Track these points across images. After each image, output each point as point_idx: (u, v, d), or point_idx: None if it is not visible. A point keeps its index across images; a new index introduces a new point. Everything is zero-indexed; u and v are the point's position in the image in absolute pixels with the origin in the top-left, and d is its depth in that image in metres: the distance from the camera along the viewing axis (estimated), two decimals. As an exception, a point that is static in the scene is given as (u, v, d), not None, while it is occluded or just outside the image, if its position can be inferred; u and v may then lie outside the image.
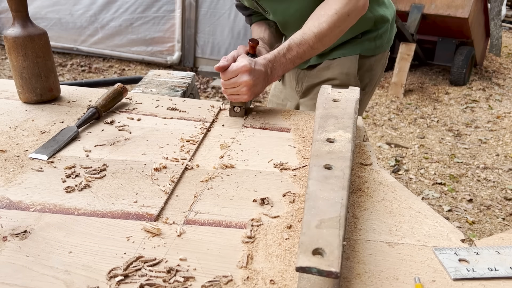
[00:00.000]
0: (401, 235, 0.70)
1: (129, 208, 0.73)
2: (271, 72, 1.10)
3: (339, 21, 1.13)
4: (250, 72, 1.04)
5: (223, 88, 1.09)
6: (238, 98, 1.09)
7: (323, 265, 0.50)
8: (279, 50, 1.12)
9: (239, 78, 1.04)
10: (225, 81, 1.07)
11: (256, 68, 1.05)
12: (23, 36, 1.06)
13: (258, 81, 1.06)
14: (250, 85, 1.05)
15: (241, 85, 1.05)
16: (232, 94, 1.08)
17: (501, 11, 6.18)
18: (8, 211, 0.70)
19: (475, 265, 0.62)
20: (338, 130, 0.84)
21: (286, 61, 1.13)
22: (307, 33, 1.12)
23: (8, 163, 0.85)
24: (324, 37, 1.13)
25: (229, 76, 1.05)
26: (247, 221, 0.71)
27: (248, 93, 1.06)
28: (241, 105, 1.12)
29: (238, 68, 1.04)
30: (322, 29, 1.12)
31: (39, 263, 0.59)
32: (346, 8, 1.13)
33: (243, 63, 1.04)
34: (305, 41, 1.12)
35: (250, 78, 1.04)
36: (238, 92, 1.07)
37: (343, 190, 0.66)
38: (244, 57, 1.06)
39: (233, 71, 1.04)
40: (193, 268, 0.60)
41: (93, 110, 1.04)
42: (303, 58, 1.15)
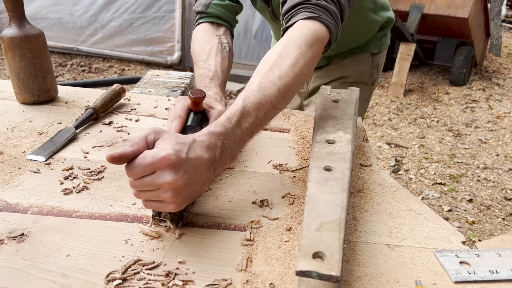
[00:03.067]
0: (401, 237, 0.69)
1: (128, 211, 0.72)
2: (221, 154, 0.68)
3: (305, 66, 0.80)
4: (176, 167, 0.61)
5: (134, 191, 0.65)
6: (159, 207, 0.64)
7: (324, 269, 0.50)
8: (230, 118, 0.71)
9: (157, 177, 0.61)
10: (134, 180, 0.63)
11: (190, 157, 0.62)
12: (19, 37, 1.06)
13: (195, 178, 0.63)
14: (176, 187, 0.61)
15: (162, 189, 0.62)
16: (149, 200, 0.64)
17: (501, 11, 6.17)
18: (5, 214, 0.70)
19: (476, 268, 0.62)
20: (338, 131, 0.84)
21: (242, 133, 0.72)
22: (266, 87, 0.75)
23: (5, 164, 0.84)
24: (288, 92, 0.78)
25: (140, 174, 0.61)
26: (246, 223, 0.70)
27: (175, 200, 0.62)
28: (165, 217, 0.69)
29: (155, 161, 0.60)
30: (287, 80, 0.77)
31: (36, 267, 0.59)
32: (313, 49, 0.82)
33: (163, 153, 0.60)
34: (266, 99, 0.75)
35: (177, 176, 0.61)
36: (158, 198, 0.63)
37: (343, 192, 0.65)
38: (169, 139, 0.63)
39: (145, 165, 0.60)
40: (192, 272, 0.59)
41: (91, 111, 1.04)
42: (263, 125, 0.77)
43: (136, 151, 0.62)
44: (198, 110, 0.84)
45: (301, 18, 0.84)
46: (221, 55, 1.07)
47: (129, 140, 0.63)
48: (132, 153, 0.61)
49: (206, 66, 1.03)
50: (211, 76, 1.01)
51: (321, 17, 0.84)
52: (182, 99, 0.85)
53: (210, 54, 1.06)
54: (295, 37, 0.82)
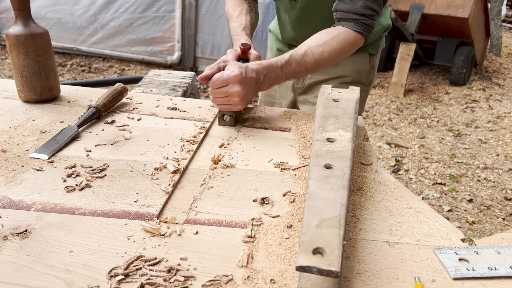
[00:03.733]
0: (401, 235, 0.70)
1: (130, 208, 0.73)
2: (264, 80, 1.03)
3: (339, 57, 1.14)
4: (242, 82, 0.97)
5: (212, 97, 1.01)
6: (229, 108, 1.02)
7: (323, 265, 0.50)
8: (277, 61, 1.06)
9: (229, 88, 0.97)
10: (214, 89, 0.99)
11: (247, 76, 0.98)
12: (24, 35, 1.06)
13: (250, 90, 1.00)
14: (242, 95, 0.97)
15: (231, 95, 0.98)
16: (222, 104, 1.01)
17: (501, 11, 6.18)
18: (9, 211, 0.70)
19: (475, 265, 0.63)
20: (338, 130, 0.84)
21: (281, 74, 1.07)
22: (308, 55, 1.09)
23: (9, 162, 0.85)
24: (321, 66, 1.12)
25: (219, 85, 0.98)
26: (248, 221, 0.71)
27: (241, 103, 0.99)
28: (231, 114, 1.05)
29: (229, 78, 0.96)
30: (322, 58, 1.10)
31: (39, 263, 0.59)
32: (349, 50, 1.15)
33: (234, 72, 0.96)
34: (305, 62, 1.08)
35: (242, 88, 0.97)
36: (229, 102, 1.00)
37: (343, 190, 0.66)
38: (234, 65, 0.99)
39: (223, 80, 0.97)
40: (193, 268, 0.60)
41: (93, 109, 1.04)
42: (295, 76, 1.11)
43: (214, 71, 1.00)
44: (245, 58, 1.12)
45: (351, 28, 1.13)
46: (250, 15, 1.33)
47: (207, 67, 1.01)
48: (211, 73, 0.99)
49: (238, 20, 1.29)
50: (243, 27, 1.26)
51: (365, 33, 1.14)
52: (232, 51, 1.11)
53: (241, 12, 1.32)
54: (342, 36, 1.12)
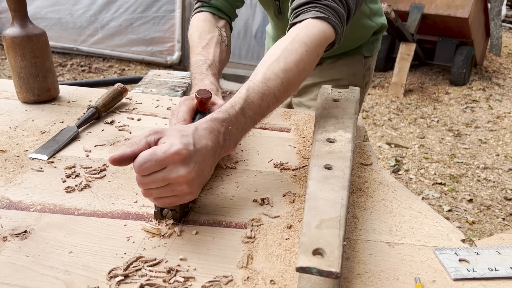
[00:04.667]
0: (401, 235, 0.70)
1: (129, 208, 0.73)
2: (225, 140, 0.70)
3: (310, 61, 0.83)
4: (187, 161, 0.62)
5: (142, 190, 0.64)
6: (175, 201, 0.65)
7: (323, 265, 0.50)
8: (234, 105, 0.73)
9: (170, 173, 0.62)
10: (143, 177, 0.62)
11: (197, 148, 0.64)
12: (21, 36, 1.06)
13: (203, 166, 0.65)
14: (190, 179, 0.63)
15: (176, 183, 0.62)
16: (161, 196, 0.64)
17: (501, 11, 6.18)
18: (8, 211, 0.70)
19: (476, 265, 0.62)
20: (338, 130, 0.84)
21: (245, 121, 0.74)
22: (270, 78, 0.77)
23: (8, 163, 0.85)
24: (291, 86, 0.81)
25: (151, 170, 0.61)
26: (247, 221, 0.71)
27: (191, 190, 0.64)
28: (174, 208, 0.69)
29: (167, 156, 0.61)
30: (290, 73, 0.79)
31: (39, 263, 0.59)
32: (319, 45, 0.85)
33: (173, 148, 0.61)
34: (269, 90, 0.77)
35: (190, 169, 0.62)
36: (173, 193, 0.64)
37: (343, 190, 0.66)
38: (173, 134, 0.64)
39: (156, 160, 0.61)
40: (193, 268, 0.60)
41: (93, 110, 1.04)
42: (265, 115, 0.79)
43: (136, 151, 0.62)
44: (204, 110, 0.85)
45: (310, 17, 0.86)
46: (220, 48, 1.08)
47: (128, 142, 0.64)
48: (132, 153, 0.62)
49: (204, 54, 1.03)
50: (209, 63, 1.01)
51: (330, 19, 0.86)
52: (186, 100, 0.84)
53: (210, 43, 1.06)
54: (303, 34, 0.83)
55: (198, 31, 1.10)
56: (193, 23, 1.14)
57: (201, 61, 1.01)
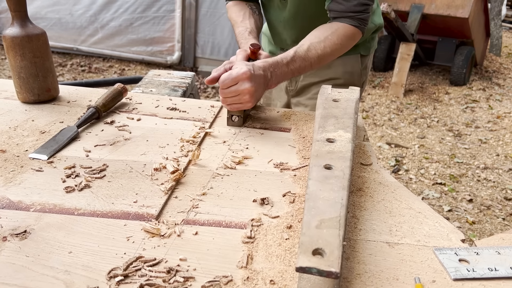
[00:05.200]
0: (401, 235, 0.69)
1: (129, 208, 0.73)
2: (271, 77, 1.05)
3: (339, 52, 1.16)
4: (251, 79, 0.97)
5: (222, 98, 1.01)
6: (240, 107, 1.02)
7: (323, 265, 0.50)
8: (283, 58, 1.08)
9: (239, 86, 0.97)
10: (224, 90, 0.98)
11: (256, 74, 0.99)
12: (21, 36, 1.06)
13: (259, 86, 1.01)
14: (252, 92, 0.98)
15: (242, 93, 0.98)
16: (233, 103, 1.01)
17: (501, 11, 6.18)
18: (8, 211, 0.70)
19: (475, 265, 0.62)
20: (338, 130, 0.84)
21: (287, 70, 1.08)
22: (311, 51, 1.11)
23: (8, 163, 0.85)
24: (323, 61, 1.15)
25: (228, 84, 0.97)
26: (247, 221, 0.71)
27: (251, 100, 0.99)
28: (239, 114, 1.05)
29: (238, 75, 0.96)
30: (325, 53, 1.12)
31: (39, 263, 0.59)
32: (348, 44, 1.17)
33: (242, 70, 0.97)
34: (309, 58, 1.11)
35: (252, 84, 0.97)
36: (239, 101, 1.00)
37: (343, 190, 0.66)
38: (241, 63, 1.01)
39: (232, 78, 0.97)
40: (193, 268, 0.60)
41: (93, 110, 1.04)
42: (301, 72, 1.13)
43: (220, 73, 1.01)
44: (255, 58, 1.13)
45: (348, 23, 1.16)
46: (254, 17, 1.33)
47: (214, 69, 1.03)
48: (218, 75, 1.01)
49: (243, 25, 1.28)
50: (249, 31, 1.25)
51: (361, 27, 1.17)
52: (241, 52, 1.12)
53: (245, 16, 1.31)
54: (341, 31, 1.15)
55: (233, 12, 1.36)
56: (228, 9, 1.40)
57: (243, 31, 1.26)
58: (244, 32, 1.26)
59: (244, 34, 1.26)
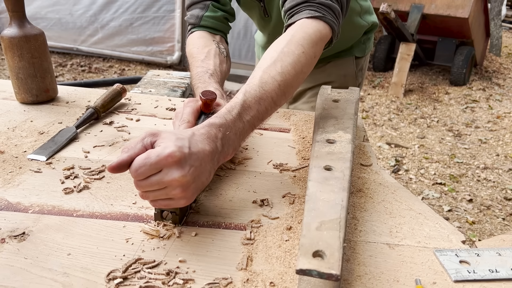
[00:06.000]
0: (401, 237, 0.69)
1: (128, 210, 0.72)
2: (223, 146, 0.69)
3: (308, 63, 0.82)
4: (182, 163, 0.61)
5: (140, 192, 0.64)
6: (170, 204, 0.65)
7: (324, 268, 0.50)
8: (231, 110, 0.72)
9: (164, 175, 0.61)
10: (140, 181, 0.62)
11: (193, 151, 0.63)
12: (18, 37, 1.06)
13: (200, 170, 0.64)
14: (185, 183, 0.62)
15: (170, 186, 0.62)
16: (157, 199, 0.64)
17: (501, 11, 6.17)
18: (6, 213, 0.70)
19: (476, 267, 0.62)
20: (338, 131, 0.84)
21: (243, 125, 0.73)
22: (267, 82, 0.76)
23: (6, 164, 0.84)
24: (289, 88, 0.79)
25: (146, 173, 0.61)
26: (247, 223, 0.70)
27: (185, 194, 0.63)
28: (174, 210, 0.69)
29: (161, 159, 0.60)
30: (287, 75, 0.78)
31: (37, 265, 0.59)
32: (316, 47, 0.84)
33: (167, 150, 0.61)
34: (267, 94, 0.75)
35: (184, 173, 0.61)
36: (168, 196, 0.63)
37: (343, 192, 0.65)
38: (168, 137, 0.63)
39: (151, 164, 0.60)
40: (192, 270, 0.60)
41: (92, 110, 1.04)
42: (263, 119, 0.78)
43: (133, 155, 0.62)
44: (209, 111, 0.84)
45: (305, 17, 0.85)
46: (219, 58, 1.07)
47: (124, 147, 0.63)
48: (129, 158, 0.62)
49: (204, 65, 1.03)
50: (210, 73, 1.00)
51: (325, 17, 0.85)
52: (190, 102, 0.84)
53: (209, 55, 1.06)
54: (298, 35, 0.82)
55: (195, 47, 1.10)
56: (189, 41, 1.14)
57: (202, 72, 1.01)
58: (204, 74, 0.99)
59: (203, 77, 0.99)
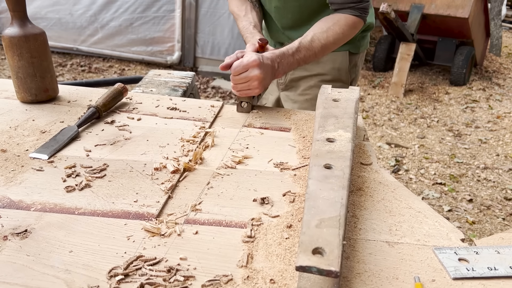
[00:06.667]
0: (401, 235, 0.70)
1: (129, 208, 0.73)
2: (278, 67, 1.12)
3: (341, 41, 1.24)
4: (260, 66, 1.05)
5: (233, 84, 1.09)
6: (248, 93, 1.10)
7: (323, 264, 0.50)
8: (288, 48, 1.15)
9: (249, 73, 1.05)
10: (235, 76, 1.07)
11: (264, 62, 1.07)
12: (18, 36, 1.06)
13: (267, 75, 1.08)
14: (260, 78, 1.06)
15: (251, 80, 1.06)
16: (242, 89, 1.09)
17: (501, 11, 6.18)
18: (9, 211, 0.70)
19: (475, 265, 0.63)
20: (338, 130, 0.84)
21: (293, 60, 1.16)
22: (315, 41, 1.19)
23: (9, 162, 0.85)
24: (327, 50, 1.22)
25: (239, 71, 1.06)
26: (247, 221, 0.71)
27: (259, 86, 1.07)
28: (248, 101, 1.14)
29: (249, 63, 1.04)
30: (328, 43, 1.20)
31: (39, 262, 0.60)
32: (351, 33, 1.25)
33: (253, 58, 1.05)
34: (313, 48, 1.18)
35: (261, 71, 1.05)
36: (249, 87, 1.08)
37: (343, 190, 0.66)
38: (251, 53, 1.08)
39: (243, 65, 1.05)
40: (193, 268, 0.60)
41: (93, 109, 1.04)
42: (306, 62, 1.20)
43: (233, 61, 1.08)
44: (263, 51, 1.18)
45: (349, 13, 1.23)
46: (255, 10, 1.41)
47: (227, 57, 1.10)
48: (231, 62, 1.08)
49: (247, 19, 1.37)
50: (253, 25, 1.34)
51: (363, 16, 1.24)
52: (251, 45, 1.19)
53: (247, 11, 1.39)
54: (343, 21, 1.22)
55: (235, 6, 1.44)
56: (230, 3, 1.47)
57: (248, 24, 1.34)
58: (249, 26, 1.34)
59: (249, 28, 1.33)
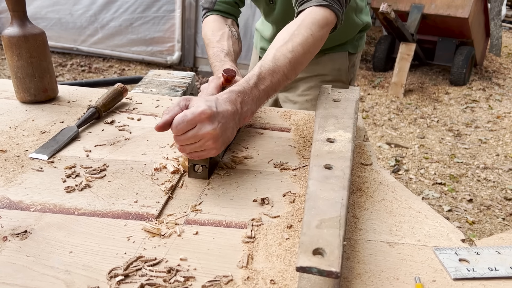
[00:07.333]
0: (401, 235, 0.70)
1: (130, 208, 0.73)
2: (242, 108, 0.83)
3: (315, 45, 0.96)
4: (212, 118, 0.76)
5: (178, 146, 0.79)
6: (202, 155, 0.79)
7: (324, 265, 0.50)
8: (248, 80, 0.87)
9: (199, 130, 0.75)
10: (179, 136, 0.76)
11: (219, 110, 0.77)
12: (17, 36, 1.06)
13: (226, 126, 0.79)
14: (215, 135, 0.76)
15: (203, 138, 0.76)
16: (194, 151, 0.79)
17: (501, 11, 6.18)
18: (9, 211, 0.70)
19: (476, 265, 0.62)
20: (338, 130, 0.84)
21: (259, 93, 0.87)
22: (280, 58, 0.90)
23: (8, 163, 0.85)
24: (299, 64, 0.94)
25: (183, 129, 0.75)
26: (248, 221, 0.71)
27: (215, 145, 0.78)
28: (204, 163, 0.82)
29: (195, 116, 0.75)
30: (297, 54, 0.91)
31: (39, 263, 0.59)
32: (323, 32, 0.97)
33: (199, 109, 0.75)
34: (279, 68, 0.89)
35: (214, 126, 0.76)
36: (201, 148, 0.78)
37: (343, 190, 0.66)
38: (199, 99, 0.79)
39: (187, 121, 0.75)
40: (193, 268, 0.60)
41: (93, 110, 1.04)
42: (276, 89, 0.91)
43: (173, 115, 0.76)
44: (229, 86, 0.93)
45: (314, 5, 0.98)
46: (232, 40, 1.22)
47: (164, 111, 0.78)
48: (170, 118, 0.76)
49: (219, 46, 1.17)
50: (225, 52, 1.15)
51: (332, 5, 0.98)
52: (214, 79, 0.98)
53: (222, 37, 1.21)
54: (308, 20, 0.96)
55: (210, 29, 1.24)
56: (205, 25, 1.29)
57: (218, 51, 1.15)
58: (220, 53, 1.14)
59: (220, 56, 1.13)
